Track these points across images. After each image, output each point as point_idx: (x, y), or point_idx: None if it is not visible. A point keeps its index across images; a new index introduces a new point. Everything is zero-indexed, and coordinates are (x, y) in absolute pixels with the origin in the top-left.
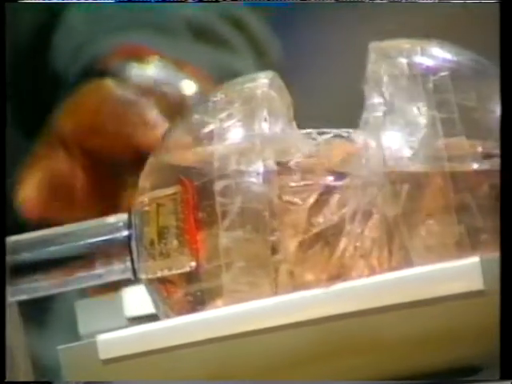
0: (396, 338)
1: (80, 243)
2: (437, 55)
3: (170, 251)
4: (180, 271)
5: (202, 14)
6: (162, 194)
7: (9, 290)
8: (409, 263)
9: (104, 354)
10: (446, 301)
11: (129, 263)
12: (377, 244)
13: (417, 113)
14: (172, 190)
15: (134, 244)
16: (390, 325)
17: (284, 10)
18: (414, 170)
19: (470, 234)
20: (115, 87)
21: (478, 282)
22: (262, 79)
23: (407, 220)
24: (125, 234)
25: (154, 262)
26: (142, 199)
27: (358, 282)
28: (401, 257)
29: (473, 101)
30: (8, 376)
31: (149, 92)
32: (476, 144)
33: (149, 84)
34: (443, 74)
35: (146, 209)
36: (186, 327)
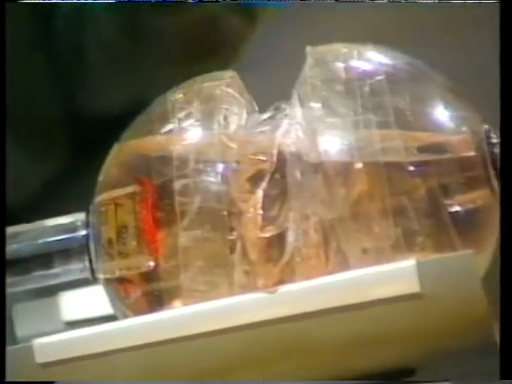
0: (333, 341)
1: (38, 242)
2: (373, 59)
3: (129, 251)
4: (138, 271)
5: None
6: (121, 193)
7: None
8: (345, 266)
9: (41, 358)
10: (382, 304)
11: (87, 263)
12: (314, 247)
13: (353, 116)
14: (130, 189)
15: (92, 243)
16: (327, 328)
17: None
18: (350, 172)
19: (407, 236)
20: None
21: (414, 285)
22: (221, 78)
23: (344, 223)
24: (83, 233)
25: (113, 261)
26: (101, 198)
27: (296, 285)
28: (337, 260)
29: (408, 104)
30: None
31: None
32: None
33: None
34: (379, 77)
35: (103, 208)
36: (123, 331)
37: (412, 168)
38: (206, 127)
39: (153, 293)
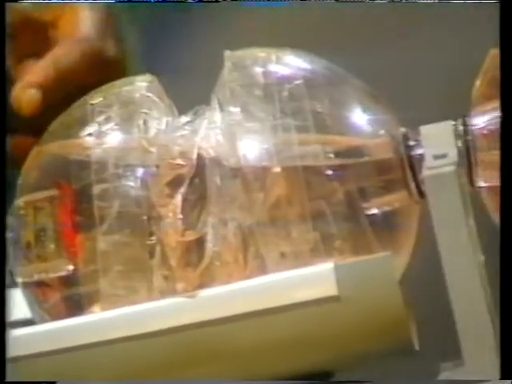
0: (253, 344)
1: None
2: (291, 64)
3: (47, 254)
4: (57, 275)
5: None
6: (40, 197)
7: None
8: (264, 271)
9: None
10: (301, 307)
11: (6, 266)
12: (233, 252)
13: (272, 121)
14: (50, 192)
15: (10, 247)
16: (247, 332)
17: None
18: (269, 176)
19: (325, 240)
20: None
21: (332, 288)
22: (141, 82)
23: (262, 228)
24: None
25: (31, 264)
26: (20, 201)
27: (215, 290)
28: (256, 264)
29: (326, 108)
30: None
31: None
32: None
33: None
34: (298, 82)
35: (22, 212)
36: (43, 335)
37: (330, 172)
38: (126, 131)
39: (71, 297)
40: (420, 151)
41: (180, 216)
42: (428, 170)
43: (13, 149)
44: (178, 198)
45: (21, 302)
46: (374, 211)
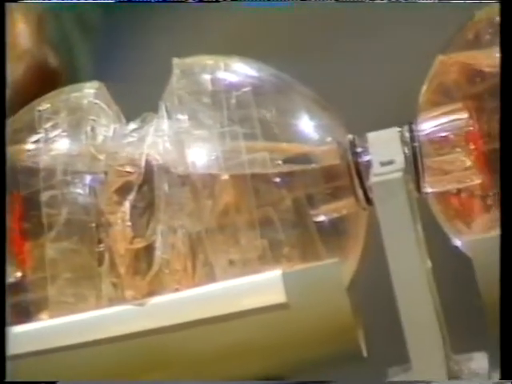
0: (202, 351)
1: None
2: (239, 71)
3: None
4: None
5: None
6: None
7: None
8: (212, 278)
9: None
10: (250, 314)
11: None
12: (181, 260)
13: (220, 128)
14: None
15: None
16: (195, 339)
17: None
18: (217, 184)
19: (273, 247)
20: None
21: (280, 295)
22: (88, 89)
23: (211, 235)
24: None
25: None
26: None
27: (164, 297)
28: (205, 272)
29: (274, 115)
30: None
31: None
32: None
33: None
34: (245, 89)
35: None
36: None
37: (278, 179)
38: (74, 138)
39: (20, 304)
40: (367, 158)
41: (129, 223)
42: (375, 177)
43: None
44: (127, 206)
45: None
46: (322, 218)
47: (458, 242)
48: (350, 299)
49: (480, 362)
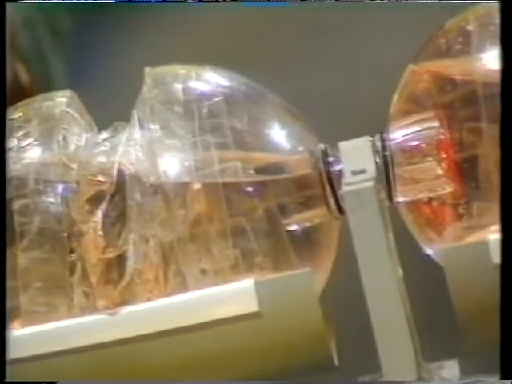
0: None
1: None
2: (211, 81)
3: None
4: None
5: None
6: None
7: None
8: (185, 288)
9: None
10: (222, 324)
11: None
12: (153, 269)
13: (192, 138)
14: None
15: None
16: (167, 349)
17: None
18: (189, 193)
19: (245, 257)
20: None
21: (252, 304)
22: (61, 98)
23: (183, 245)
24: None
25: None
26: None
27: (135, 307)
28: (177, 282)
29: (245, 125)
30: None
31: None
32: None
33: None
34: (217, 99)
35: None
36: None
37: (250, 189)
38: (46, 147)
39: None
40: (339, 167)
41: (101, 233)
42: (347, 186)
43: None
44: (99, 215)
45: None
46: (294, 227)
47: (429, 251)
48: (321, 308)
49: (451, 370)
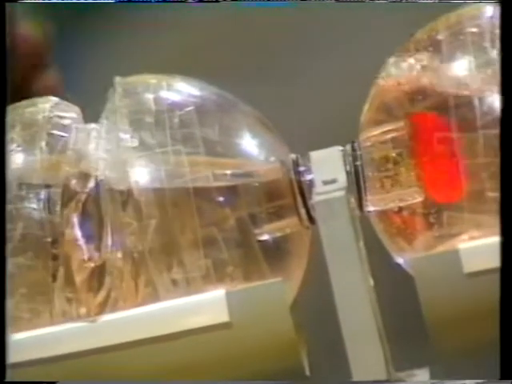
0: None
1: None
2: (182, 90)
3: None
4: None
5: None
6: None
7: None
8: (155, 298)
9: None
10: (193, 334)
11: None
12: (125, 279)
13: (163, 148)
14: None
15: None
16: (139, 359)
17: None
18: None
19: (217, 267)
20: None
21: (223, 314)
22: (43, 104)
23: (154, 255)
24: None
25: None
26: None
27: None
28: (148, 292)
29: (217, 135)
30: None
31: None
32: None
33: None
34: (188, 108)
35: None
36: None
37: (221, 198)
38: (29, 153)
39: None
40: (310, 177)
41: (82, 240)
42: (318, 196)
43: None
44: (76, 222)
45: None
46: (266, 237)
47: (400, 260)
48: (292, 318)
49: (422, 378)
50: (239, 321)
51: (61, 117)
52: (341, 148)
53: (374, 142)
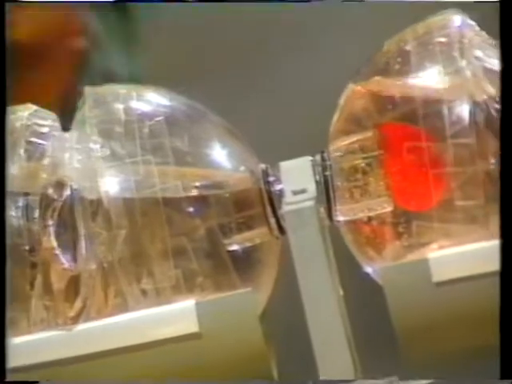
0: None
1: None
2: (152, 100)
3: None
4: None
5: None
6: None
7: None
8: (125, 308)
9: None
10: (163, 344)
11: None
12: (95, 289)
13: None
14: None
15: None
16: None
17: None
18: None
19: (187, 277)
20: None
21: (193, 325)
22: (22, 112)
23: (123, 265)
24: None
25: None
26: None
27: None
28: (117, 302)
29: (186, 145)
30: None
31: None
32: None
33: None
34: (158, 119)
35: None
36: None
37: (191, 209)
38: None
39: None
40: (279, 187)
41: (58, 249)
42: (287, 206)
43: None
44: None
45: None
46: (235, 247)
47: (369, 270)
48: (262, 327)
49: None
50: (209, 331)
51: (39, 124)
52: (310, 158)
53: (343, 152)
